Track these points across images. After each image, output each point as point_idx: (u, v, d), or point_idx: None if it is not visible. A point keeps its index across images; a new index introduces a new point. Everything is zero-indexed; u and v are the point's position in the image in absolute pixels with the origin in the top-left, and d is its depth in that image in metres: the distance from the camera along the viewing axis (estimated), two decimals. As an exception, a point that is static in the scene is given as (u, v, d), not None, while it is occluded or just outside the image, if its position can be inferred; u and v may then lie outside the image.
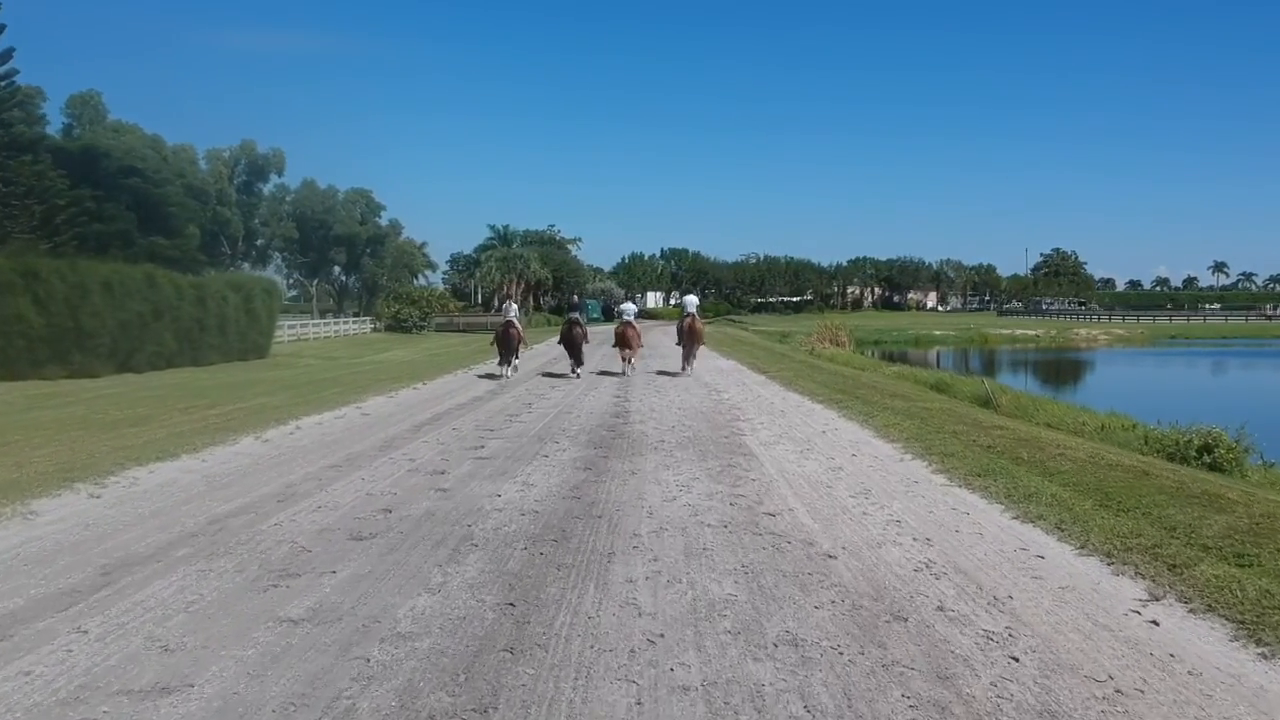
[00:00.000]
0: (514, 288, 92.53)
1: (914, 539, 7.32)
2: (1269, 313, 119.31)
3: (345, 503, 8.89)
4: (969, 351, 65.04)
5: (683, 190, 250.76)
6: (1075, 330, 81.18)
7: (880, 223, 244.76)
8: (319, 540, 7.45)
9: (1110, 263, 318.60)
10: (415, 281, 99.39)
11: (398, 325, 68.95)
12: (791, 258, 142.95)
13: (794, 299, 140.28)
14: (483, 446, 12.35)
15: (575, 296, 36.81)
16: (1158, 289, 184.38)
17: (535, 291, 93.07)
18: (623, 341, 25.99)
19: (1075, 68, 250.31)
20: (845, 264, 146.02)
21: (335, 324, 68.18)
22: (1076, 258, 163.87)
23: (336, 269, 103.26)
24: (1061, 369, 49.00)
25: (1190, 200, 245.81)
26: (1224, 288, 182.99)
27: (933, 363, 52.58)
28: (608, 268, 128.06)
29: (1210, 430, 13.73)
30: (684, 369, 25.42)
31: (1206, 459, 13.41)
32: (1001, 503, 8.51)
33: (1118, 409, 20.63)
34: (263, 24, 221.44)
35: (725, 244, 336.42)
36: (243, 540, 7.49)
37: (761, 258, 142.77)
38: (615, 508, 8.52)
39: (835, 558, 6.80)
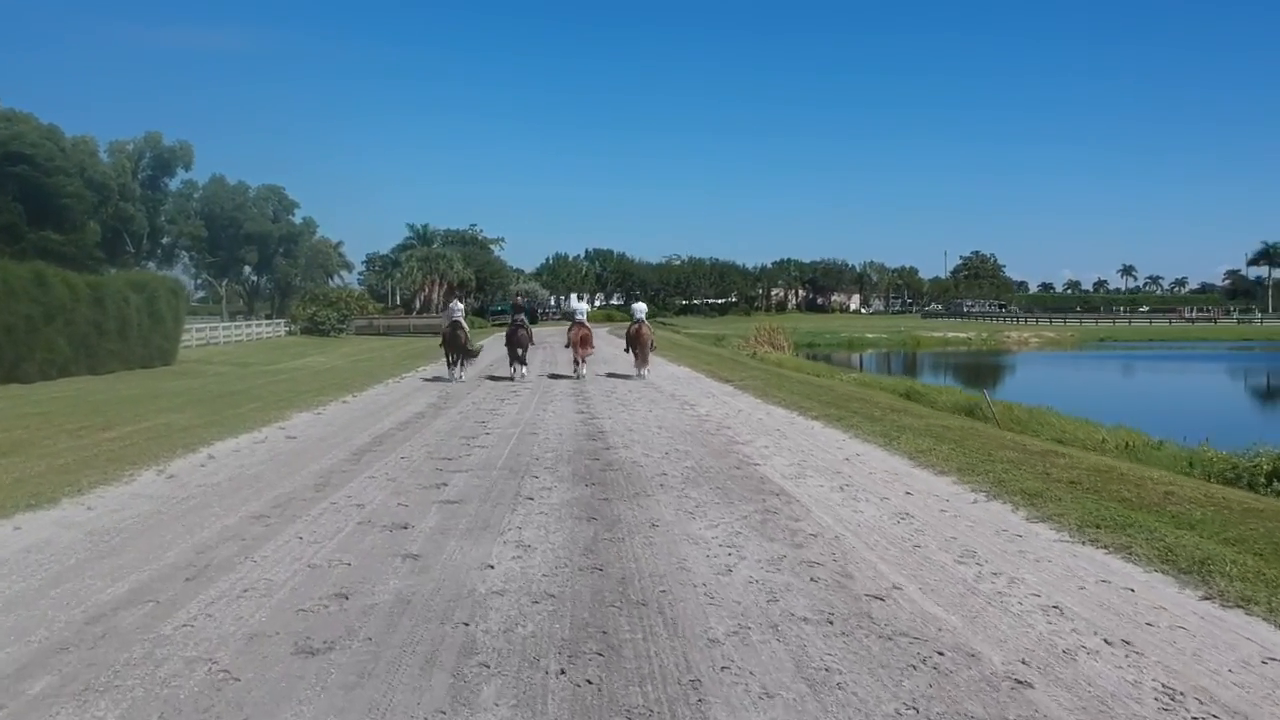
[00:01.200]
0: (436, 289, 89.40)
1: (1106, 641, 5.18)
2: (1186, 315, 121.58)
3: (281, 580, 6.48)
4: (905, 355, 64.01)
5: (608, 190, 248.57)
6: (1005, 333, 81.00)
7: (805, 225, 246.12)
8: (249, 658, 5.06)
9: (1023, 265, 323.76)
10: (331, 282, 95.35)
11: (314, 328, 65.50)
12: (717, 259, 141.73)
13: (718, 301, 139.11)
14: (445, 485, 9.97)
15: (519, 298, 34.83)
16: (1069, 291, 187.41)
17: (457, 292, 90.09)
18: (577, 343, 24.56)
19: (984, 71, 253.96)
20: (770, 266, 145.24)
21: (247, 327, 64.40)
22: (995, 260, 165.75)
23: (247, 269, 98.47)
24: (1010, 374, 47.93)
25: (1097, 204, 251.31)
26: (1131, 290, 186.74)
27: (874, 367, 51.23)
28: (530, 269, 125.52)
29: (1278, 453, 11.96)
30: (639, 373, 24.70)
31: (1278, 485, 11.66)
32: (1169, 573, 6.42)
33: (1094, 417, 19.08)
34: (172, 19, 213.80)
35: (651, 245, 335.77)
36: (135, 660, 5.05)
37: (686, 259, 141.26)
38: (657, 586, 6.26)
39: (1030, 685, 4.62)
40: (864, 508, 8.66)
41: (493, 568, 6.75)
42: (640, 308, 26.14)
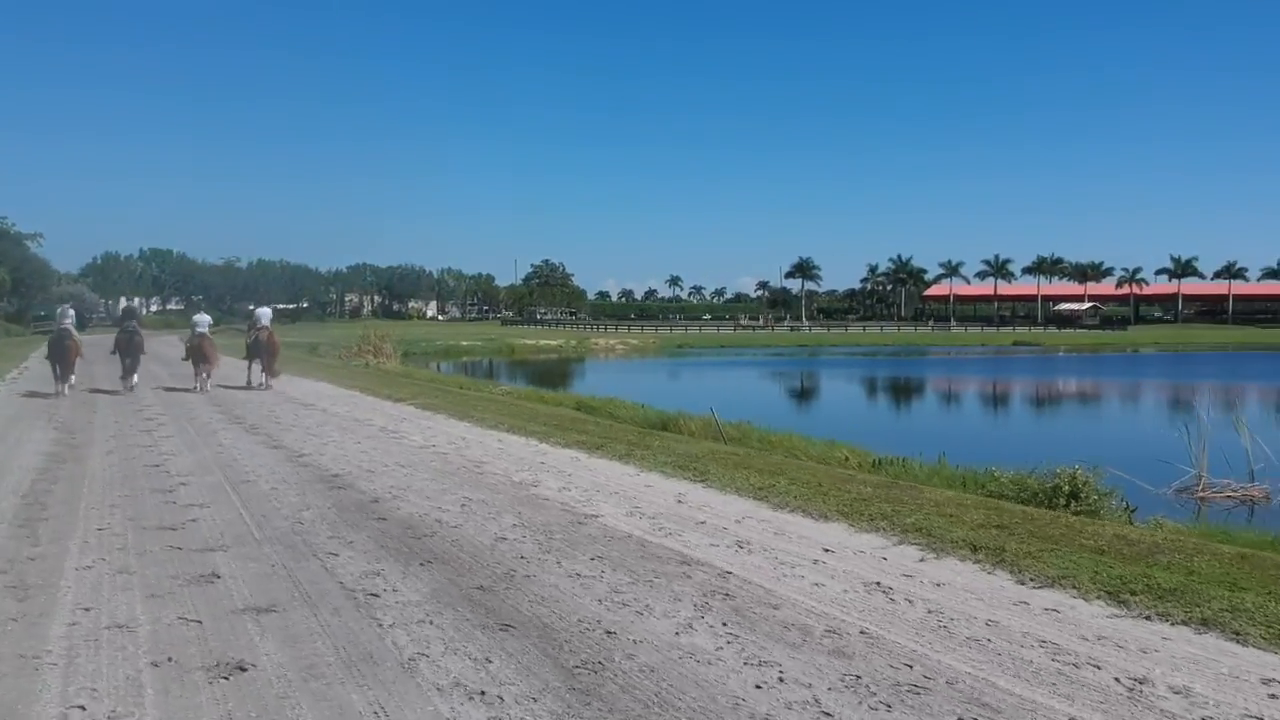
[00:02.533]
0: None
1: None
2: (745, 323, 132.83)
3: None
4: (506, 363, 63.25)
5: (164, 185, 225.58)
6: (593, 340, 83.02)
7: (381, 230, 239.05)
8: None
9: (581, 274, 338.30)
10: None
11: None
12: (287, 262, 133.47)
13: (289, 306, 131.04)
14: (216, 577, 6.97)
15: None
16: (623, 299, 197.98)
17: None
18: (199, 356, 23.50)
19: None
20: (345, 270, 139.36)
21: None
22: (564, 269, 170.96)
23: None
24: (629, 380, 48.36)
25: (647, 216, 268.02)
26: (674, 299, 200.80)
27: (488, 375, 49.74)
28: (76, 269, 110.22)
29: (1073, 472, 11.88)
30: (263, 383, 24.30)
31: (1075, 505, 11.55)
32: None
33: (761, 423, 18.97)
34: None
35: (216, 246, 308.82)
36: None
37: (255, 261, 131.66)
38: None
39: None
40: (809, 573, 7.03)
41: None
42: (204, 319, 24.59)
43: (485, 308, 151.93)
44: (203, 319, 24.36)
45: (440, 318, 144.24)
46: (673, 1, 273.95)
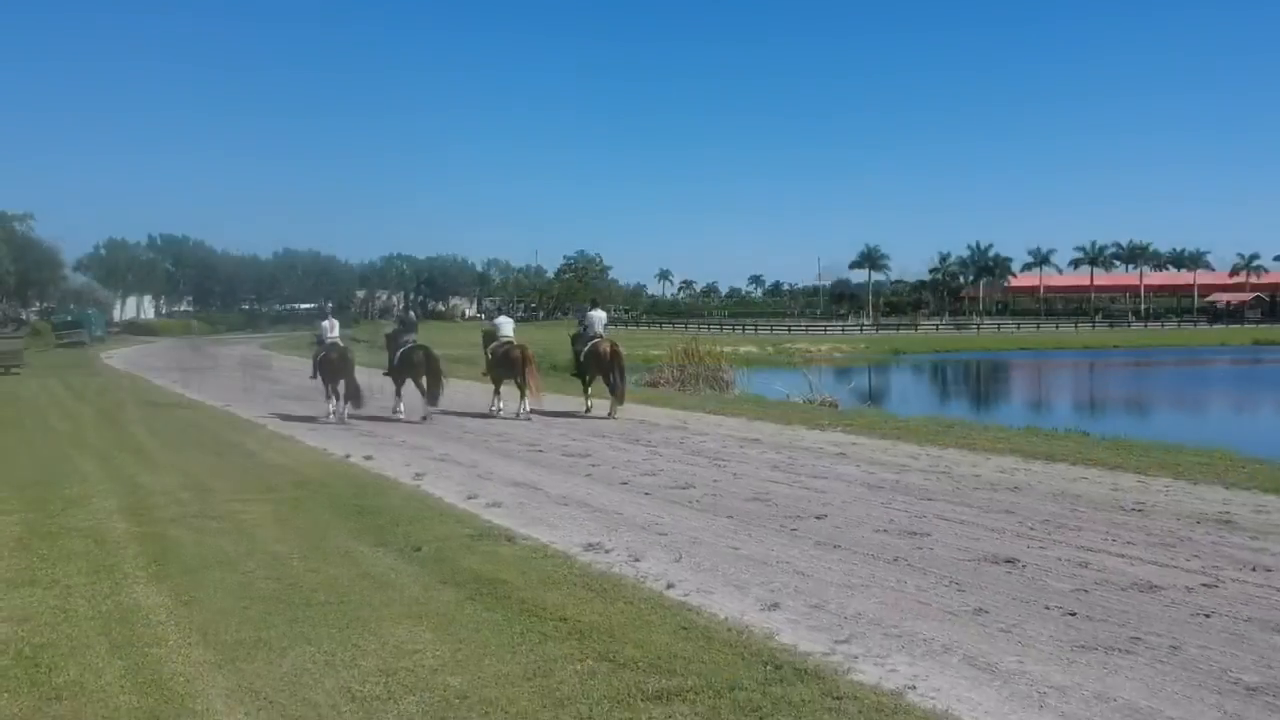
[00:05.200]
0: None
1: None
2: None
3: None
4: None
5: (176, 163, 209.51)
6: (789, 344, 68.09)
7: (410, 217, 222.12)
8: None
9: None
10: None
11: None
12: (317, 252, 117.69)
13: (310, 306, 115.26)
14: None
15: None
16: (679, 294, 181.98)
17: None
18: (510, 364, 19.72)
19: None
20: (379, 262, 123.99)
21: None
22: (602, 261, 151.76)
23: None
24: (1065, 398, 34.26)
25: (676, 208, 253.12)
26: (734, 293, 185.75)
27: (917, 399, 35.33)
28: (74, 259, 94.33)
29: None
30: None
31: None
32: None
33: None
34: None
35: (234, 234, 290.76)
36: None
37: (282, 251, 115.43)
38: None
39: None
40: None
41: None
42: (507, 323, 21.18)
43: (533, 305, 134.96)
44: (506, 322, 21.14)
45: (481, 317, 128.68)
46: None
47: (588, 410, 19.85)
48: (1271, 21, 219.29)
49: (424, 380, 19.09)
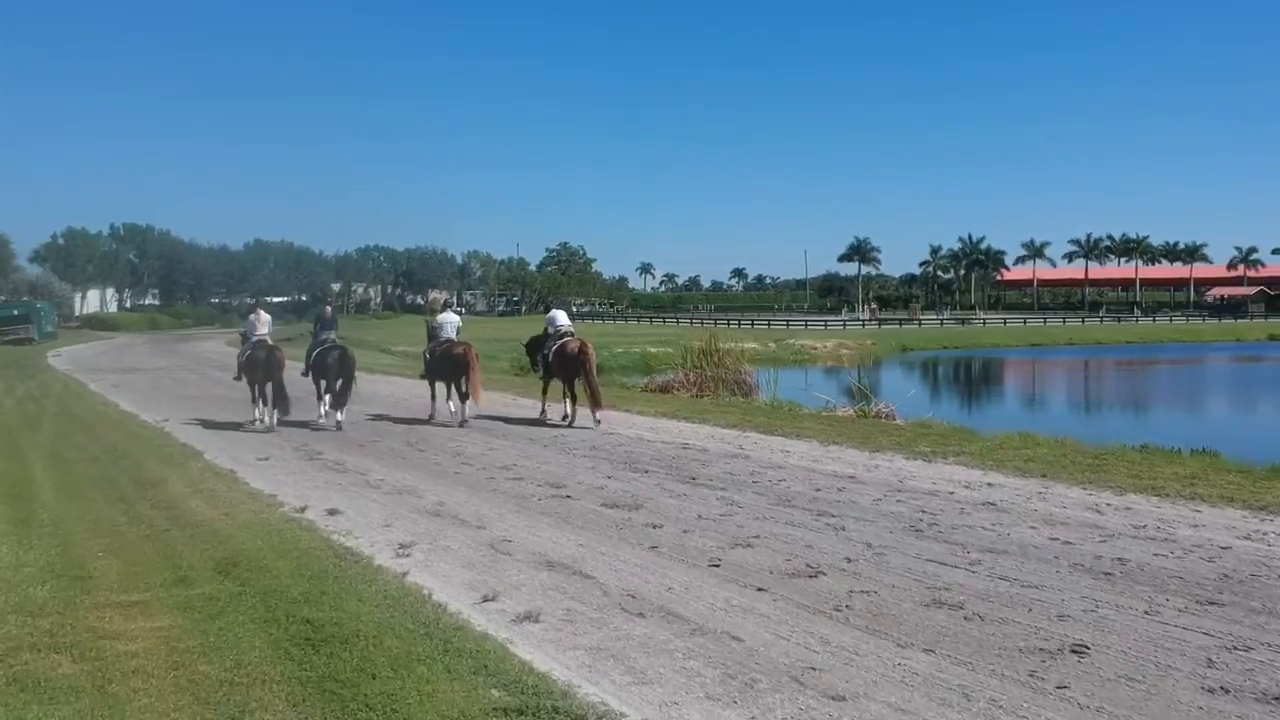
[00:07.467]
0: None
1: None
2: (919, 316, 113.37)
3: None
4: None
5: (139, 149, 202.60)
6: (792, 340, 63.33)
7: (387, 210, 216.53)
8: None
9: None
10: None
11: None
12: (291, 243, 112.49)
13: (284, 299, 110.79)
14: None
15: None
16: (660, 288, 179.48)
17: None
18: (459, 366, 17.79)
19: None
20: (354, 254, 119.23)
21: None
22: (585, 253, 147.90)
23: None
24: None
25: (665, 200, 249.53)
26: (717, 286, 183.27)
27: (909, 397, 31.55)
28: (29, 250, 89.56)
29: None
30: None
31: None
32: None
33: None
34: None
35: (203, 225, 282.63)
36: None
37: (252, 242, 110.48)
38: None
39: None
40: None
41: None
42: (562, 316, 18.95)
43: (515, 299, 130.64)
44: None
45: (462, 310, 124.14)
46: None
47: (568, 420, 17.50)
48: (1268, 11, 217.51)
49: (338, 384, 17.39)
